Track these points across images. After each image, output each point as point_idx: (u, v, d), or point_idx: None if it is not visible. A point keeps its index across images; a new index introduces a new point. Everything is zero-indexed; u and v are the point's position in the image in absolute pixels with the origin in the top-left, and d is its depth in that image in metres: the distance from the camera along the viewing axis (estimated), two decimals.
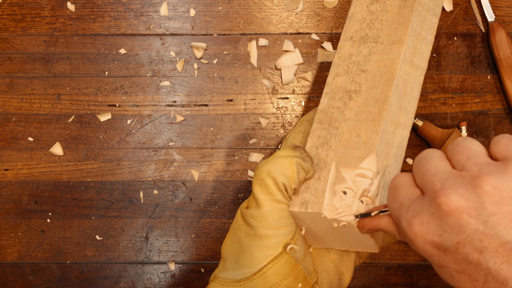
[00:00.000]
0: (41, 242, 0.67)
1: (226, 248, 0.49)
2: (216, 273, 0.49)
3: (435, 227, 0.36)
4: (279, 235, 0.46)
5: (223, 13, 0.69)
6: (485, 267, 0.34)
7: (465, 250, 0.35)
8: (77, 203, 0.67)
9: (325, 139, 0.50)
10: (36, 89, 0.68)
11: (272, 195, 0.46)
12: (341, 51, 0.54)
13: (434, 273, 0.66)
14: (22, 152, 0.68)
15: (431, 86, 0.68)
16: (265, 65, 0.68)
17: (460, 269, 0.36)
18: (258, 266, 0.46)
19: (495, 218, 0.34)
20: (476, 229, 0.34)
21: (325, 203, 0.46)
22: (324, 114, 0.52)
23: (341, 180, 0.47)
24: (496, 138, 0.39)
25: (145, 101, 0.68)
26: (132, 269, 0.67)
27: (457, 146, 0.39)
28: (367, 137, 0.49)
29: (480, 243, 0.34)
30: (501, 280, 0.34)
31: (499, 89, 0.68)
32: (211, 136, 0.68)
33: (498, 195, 0.34)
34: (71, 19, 0.69)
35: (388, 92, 0.50)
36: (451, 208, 0.35)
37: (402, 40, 0.53)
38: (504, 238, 0.34)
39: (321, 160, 0.49)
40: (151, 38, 0.69)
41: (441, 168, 0.38)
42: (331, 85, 0.53)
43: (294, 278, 0.47)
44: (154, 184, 0.67)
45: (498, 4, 0.69)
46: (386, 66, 0.52)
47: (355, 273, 0.66)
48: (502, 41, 0.67)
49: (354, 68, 0.53)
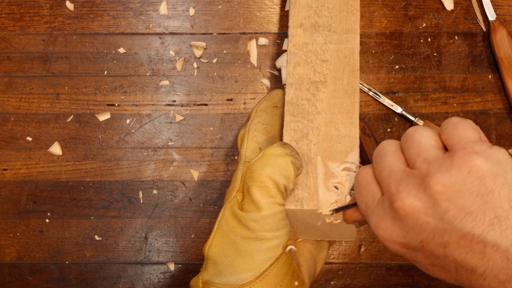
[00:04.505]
0: (40, 242, 0.67)
1: (215, 250, 0.48)
2: (209, 278, 0.48)
3: (398, 230, 0.38)
4: (280, 236, 0.46)
5: (222, 12, 0.69)
6: (452, 259, 0.36)
7: (430, 247, 0.37)
8: (76, 203, 0.67)
9: (302, 132, 0.50)
10: (34, 89, 0.68)
11: (273, 198, 0.46)
12: (294, 39, 0.54)
13: None
14: (20, 151, 0.68)
15: (432, 85, 0.68)
16: (265, 64, 0.68)
17: (431, 262, 0.38)
18: (259, 270, 0.46)
19: (450, 214, 0.35)
20: (436, 227, 0.36)
21: (320, 199, 0.47)
22: (295, 106, 0.52)
23: (330, 175, 0.48)
24: (443, 125, 0.40)
25: (145, 101, 0.68)
26: (131, 270, 0.67)
27: (407, 140, 0.40)
28: (346, 131, 0.50)
29: (442, 239, 0.36)
30: (470, 268, 0.35)
31: (500, 88, 0.68)
32: (210, 135, 0.68)
33: (448, 192, 0.36)
34: (70, 18, 0.69)
35: (355, 84, 0.51)
36: (407, 212, 0.37)
37: (356, 30, 0.53)
38: (463, 231, 0.35)
39: (304, 155, 0.49)
40: (151, 37, 0.69)
41: (395, 167, 0.39)
42: (293, 75, 0.53)
43: (291, 276, 0.47)
44: (154, 184, 0.67)
45: (499, 3, 0.69)
46: (346, 56, 0.53)
47: (355, 273, 0.66)
48: (503, 40, 0.66)
49: (313, 58, 0.53)
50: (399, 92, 0.68)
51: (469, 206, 0.35)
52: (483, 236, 0.34)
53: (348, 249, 0.67)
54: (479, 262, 0.35)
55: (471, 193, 0.35)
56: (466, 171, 0.36)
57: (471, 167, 0.36)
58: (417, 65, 0.68)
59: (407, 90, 0.68)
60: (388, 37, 0.68)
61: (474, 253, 0.35)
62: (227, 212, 0.48)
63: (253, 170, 0.46)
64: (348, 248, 0.67)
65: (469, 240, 0.35)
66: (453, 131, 0.38)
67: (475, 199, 0.35)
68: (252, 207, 0.46)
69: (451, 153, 0.37)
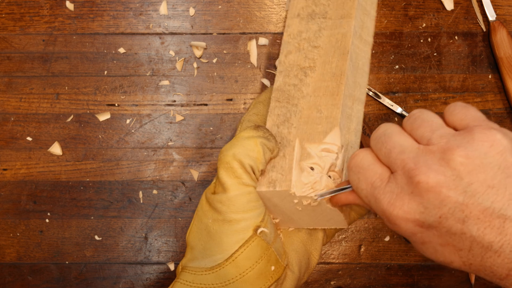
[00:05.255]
0: (40, 242, 0.67)
1: (192, 236, 0.48)
2: (185, 263, 0.48)
3: (416, 206, 0.37)
4: (248, 218, 0.46)
5: (222, 12, 0.69)
6: (469, 236, 0.35)
7: (448, 223, 0.36)
8: (76, 203, 0.67)
9: (285, 116, 0.50)
10: (34, 89, 0.68)
11: (239, 178, 0.45)
12: (290, 29, 0.54)
13: (435, 274, 0.66)
14: (20, 151, 0.67)
15: (432, 85, 0.68)
16: (265, 64, 0.68)
17: (444, 242, 0.37)
18: (229, 252, 0.45)
19: (472, 187, 0.35)
20: (457, 201, 0.35)
21: (293, 180, 0.46)
22: (281, 92, 0.51)
23: (307, 156, 0.47)
24: (450, 108, 0.39)
25: (144, 101, 0.68)
26: (131, 270, 0.67)
27: (416, 119, 0.40)
28: (328, 112, 0.48)
29: (461, 214, 0.35)
30: (486, 244, 0.35)
31: (500, 88, 0.68)
32: (210, 135, 0.67)
33: (471, 165, 0.35)
34: (70, 18, 0.69)
35: (343, 66, 0.50)
36: (430, 185, 0.36)
37: (351, 14, 0.52)
38: (484, 205, 0.35)
39: (284, 138, 0.48)
40: (151, 37, 0.69)
41: (406, 144, 0.39)
42: (284, 63, 0.52)
43: (267, 261, 0.46)
44: (154, 184, 0.67)
45: (499, 3, 0.69)
46: (338, 40, 0.51)
47: (355, 273, 0.66)
48: (503, 40, 0.66)
49: (305, 45, 0.52)
50: (399, 92, 0.68)
51: (491, 179, 0.35)
52: (503, 210, 0.34)
53: (348, 249, 0.67)
54: (496, 237, 0.34)
55: (493, 166, 0.35)
56: (488, 144, 0.36)
57: (493, 141, 0.36)
58: (417, 65, 0.68)
59: (407, 90, 0.68)
60: (388, 37, 0.68)
61: (493, 228, 0.34)
62: (202, 197, 0.48)
63: (221, 151, 0.46)
64: (348, 248, 0.67)
65: (489, 215, 0.35)
66: (464, 111, 0.38)
67: (497, 172, 0.35)
68: (220, 189, 0.46)
69: (468, 129, 0.37)
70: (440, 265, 0.66)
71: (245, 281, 0.45)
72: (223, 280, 0.45)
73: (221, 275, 0.45)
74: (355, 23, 0.52)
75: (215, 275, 0.46)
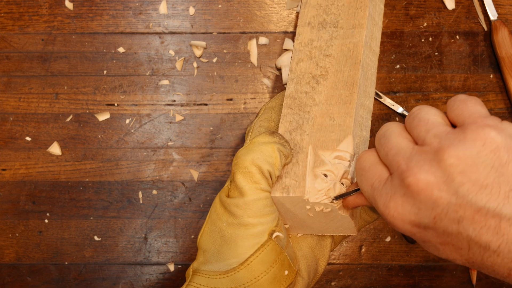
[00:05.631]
0: (39, 242, 0.67)
1: (205, 239, 0.48)
2: (197, 266, 0.48)
3: (410, 207, 0.37)
4: (265, 223, 0.46)
5: (222, 11, 0.69)
6: (466, 235, 0.35)
7: (443, 224, 0.36)
8: (75, 203, 0.67)
9: (297, 123, 0.50)
10: (33, 88, 0.68)
11: (257, 183, 0.45)
12: (301, 37, 0.55)
13: (436, 274, 0.66)
14: (19, 151, 0.67)
15: (433, 85, 0.67)
16: (265, 64, 0.68)
17: (443, 241, 0.37)
18: (244, 256, 0.45)
19: (465, 188, 0.35)
20: (449, 202, 0.35)
21: (307, 186, 0.46)
22: (293, 99, 0.52)
23: (320, 163, 0.47)
24: (450, 103, 0.39)
25: (144, 100, 0.68)
26: (131, 270, 0.66)
27: (414, 119, 0.40)
28: (341, 120, 0.49)
29: (456, 214, 0.35)
30: (484, 244, 0.34)
31: (502, 88, 0.67)
32: (210, 135, 0.67)
33: (463, 165, 0.35)
34: (69, 17, 0.69)
35: (356, 75, 0.51)
36: (420, 187, 0.36)
37: (362, 24, 0.53)
38: (478, 205, 0.34)
39: (297, 145, 0.49)
40: (150, 36, 0.69)
41: (402, 145, 0.39)
42: (295, 71, 0.53)
43: (280, 265, 0.46)
44: (153, 184, 0.67)
45: (501, 2, 0.68)
46: (350, 50, 0.52)
47: (356, 274, 0.66)
48: (504, 39, 0.66)
49: (317, 53, 0.53)
50: (400, 92, 0.67)
51: (484, 179, 0.34)
52: (498, 210, 0.34)
53: (349, 249, 0.66)
54: (493, 237, 0.34)
55: (485, 165, 0.35)
56: (481, 143, 0.35)
57: (485, 139, 0.35)
58: (418, 65, 0.68)
59: (408, 89, 0.67)
60: (389, 37, 0.68)
61: (489, 228, 0.34)
62: (216, 200, 0.48)
63: (238, 156, 0.46)
64: (349, 249, 0.66)
65: (484, 214, 0.34)
66: (461, 106, 0.38)
67: (490, 171, 0.34)
68: (237, 193, 0.46)
69: (462, 127, 0.36)
70: (441, 266, 0.66)
71: (259, 285, 0.46)
72: (237, 284, 0.45)
73: (236, 279, 0.45)
74: (366, 33, 0.53)
75: (230, 279, 0.46)
